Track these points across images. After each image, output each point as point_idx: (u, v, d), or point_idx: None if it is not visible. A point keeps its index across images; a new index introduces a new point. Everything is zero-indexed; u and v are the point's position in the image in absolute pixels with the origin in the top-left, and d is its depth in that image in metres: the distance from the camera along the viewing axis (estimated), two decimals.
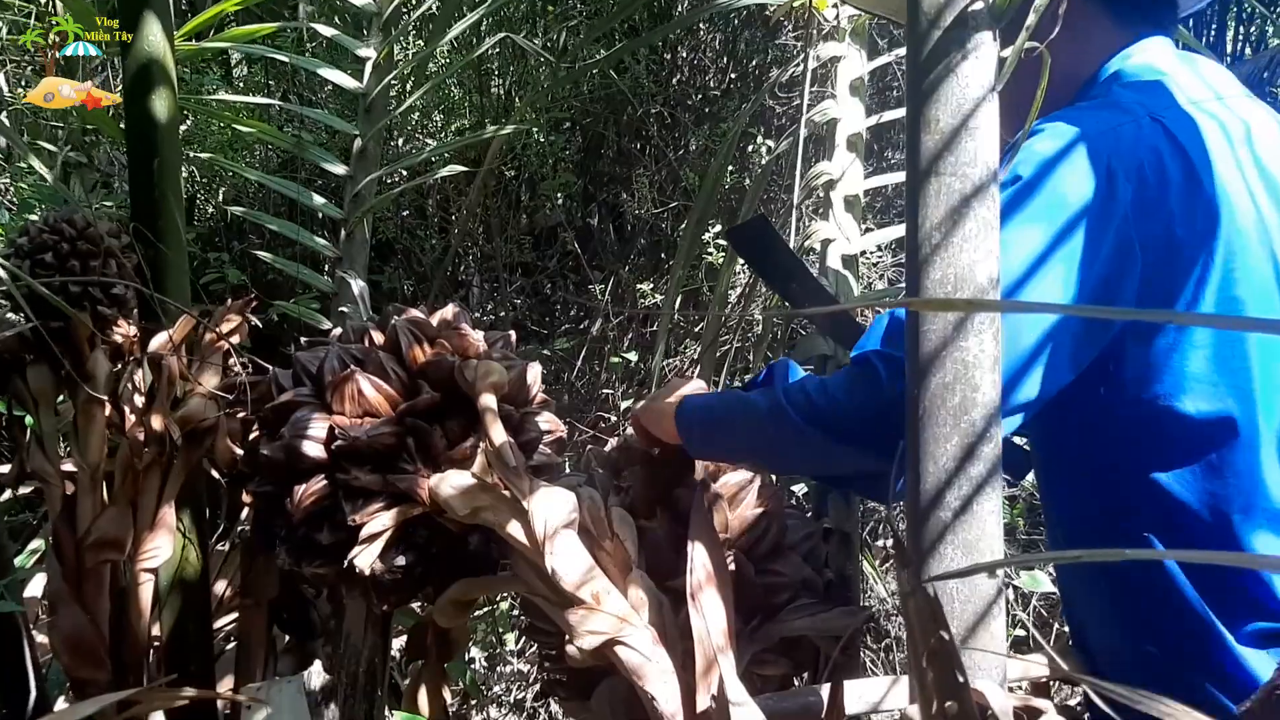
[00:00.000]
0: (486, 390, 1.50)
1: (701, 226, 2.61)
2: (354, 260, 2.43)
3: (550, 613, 1.39)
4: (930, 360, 1.04)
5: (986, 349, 1.03)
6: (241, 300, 1.81)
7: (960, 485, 1.04)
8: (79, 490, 1.74)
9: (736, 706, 1.17)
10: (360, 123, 2.48)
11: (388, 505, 1.49)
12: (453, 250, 4.62)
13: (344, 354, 1.58)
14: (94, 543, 1.70)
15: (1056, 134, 1.22)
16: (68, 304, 1.58)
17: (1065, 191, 1.18)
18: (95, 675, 1.70)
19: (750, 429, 1.35)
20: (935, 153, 1.04)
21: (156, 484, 1.74)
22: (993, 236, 1.03)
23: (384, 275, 4.78)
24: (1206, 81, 1.35)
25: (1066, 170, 1.19)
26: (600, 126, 5.01)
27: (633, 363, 4.36)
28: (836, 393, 1.23)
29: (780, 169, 4.05)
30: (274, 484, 1.57)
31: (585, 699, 1.49)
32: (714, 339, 2.73)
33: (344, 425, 1.50)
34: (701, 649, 1.24)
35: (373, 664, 1.71)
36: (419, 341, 1.58)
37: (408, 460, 1.51)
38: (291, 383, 1.60)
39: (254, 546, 1.83)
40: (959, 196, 1.02)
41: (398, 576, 1.52)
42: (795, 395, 1.26)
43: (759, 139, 4.43)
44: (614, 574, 1.39)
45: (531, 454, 1.64)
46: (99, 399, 1.71)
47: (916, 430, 1.05)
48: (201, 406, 1.71)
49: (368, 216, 2.47)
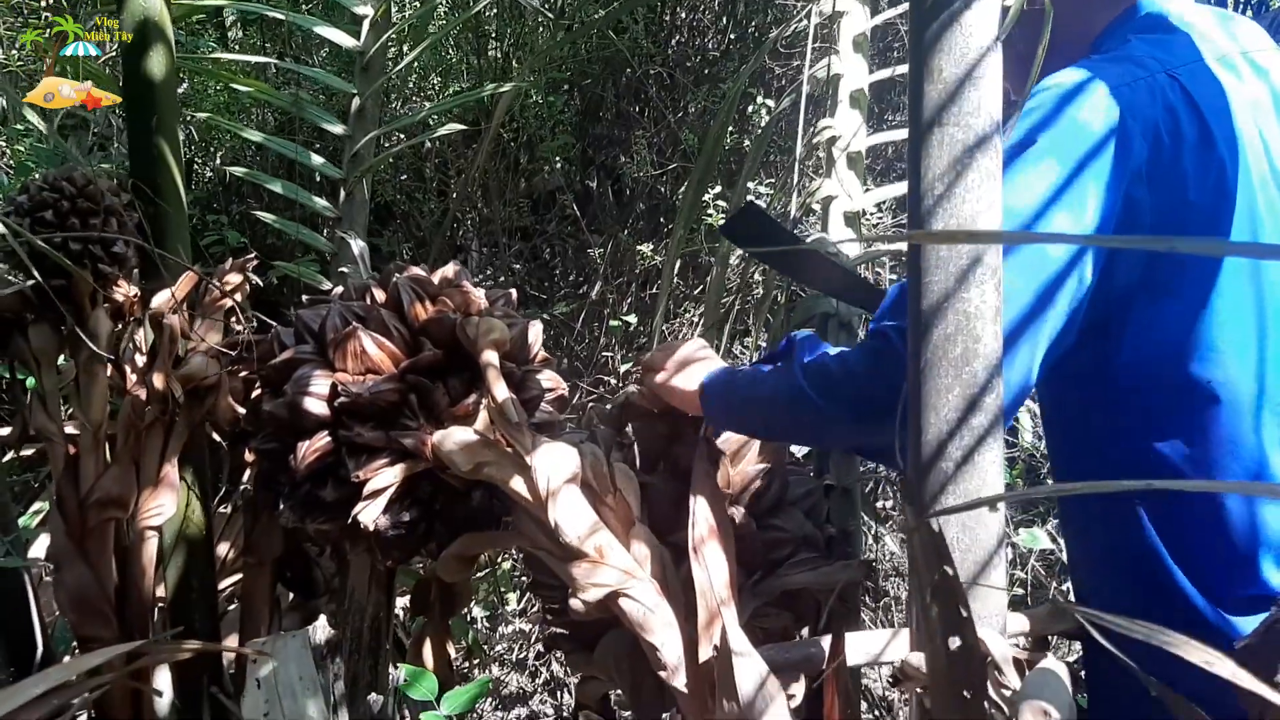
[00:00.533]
0: (488, 347, 1.50)
1: (702, 188, 2.60)
2: (354, 221, 2.42)
3: (554, 567, 1.40)
4: (932, 312, 1.04)
5: (988, 300, 1.03)
6: (243, 259, 1.81)
7: (962, 436, 1.05)
8: (82, 449, 1.74)
9: (739, 656, 1.18)
10: (358, 81, 2.46)
11: (391, 461, 1.50)
12: (451, 214, 4.61)
13: (346, 311, 1.58)
14: (97, 501, 1.71)
15: (1070, 80, 1.21)
16: (69, 261, 1.57)
17: (1079, 131, 1.17)
18: (101, 632, 1.71)
19: (774, 409, 1.34)
20: (939, 103, 1.04)
21: (159, 442, 1.75)
22: (995, 187, 1.03)
23: (383, 239, 4.77)
24: (1239, 39, 1.33)
25: (1081, 111, 1.18)
26: (599, 88, 4.98)
27: (632, 326, 4.36)
28: (855, 368, 1.22)
29: (780, 130, 4.03)
30: (277, 441, 1.57)
31: (589, 652, 1.51)
32: (717, 300, 2.73)
33: (347, 382, 1.51)
34: (704, 600, 1.25)
35: (377, 619, 1.73)
36: (421, 299, 1.58)
37: (410, 417, 1.52)
38: (294, 340, 1.61)
39: (257, 505, 1.83)
40: (962, 147, 1.02)
41: (401, 532, 1.52)
42: (815, 375, 1.25)
43: (759, 100, 4.41)
44: (617, 528, 1.40)
45: (533, 411, 1.65)
46: (101, 358, 1.71)
47: (918, 382, 1.06)
48: (203, 365, 1.71)
49: (367, 177, 2.46)
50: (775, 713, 1.18)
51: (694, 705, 1.26)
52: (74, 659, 1.29)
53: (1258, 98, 1.29)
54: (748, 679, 1.18)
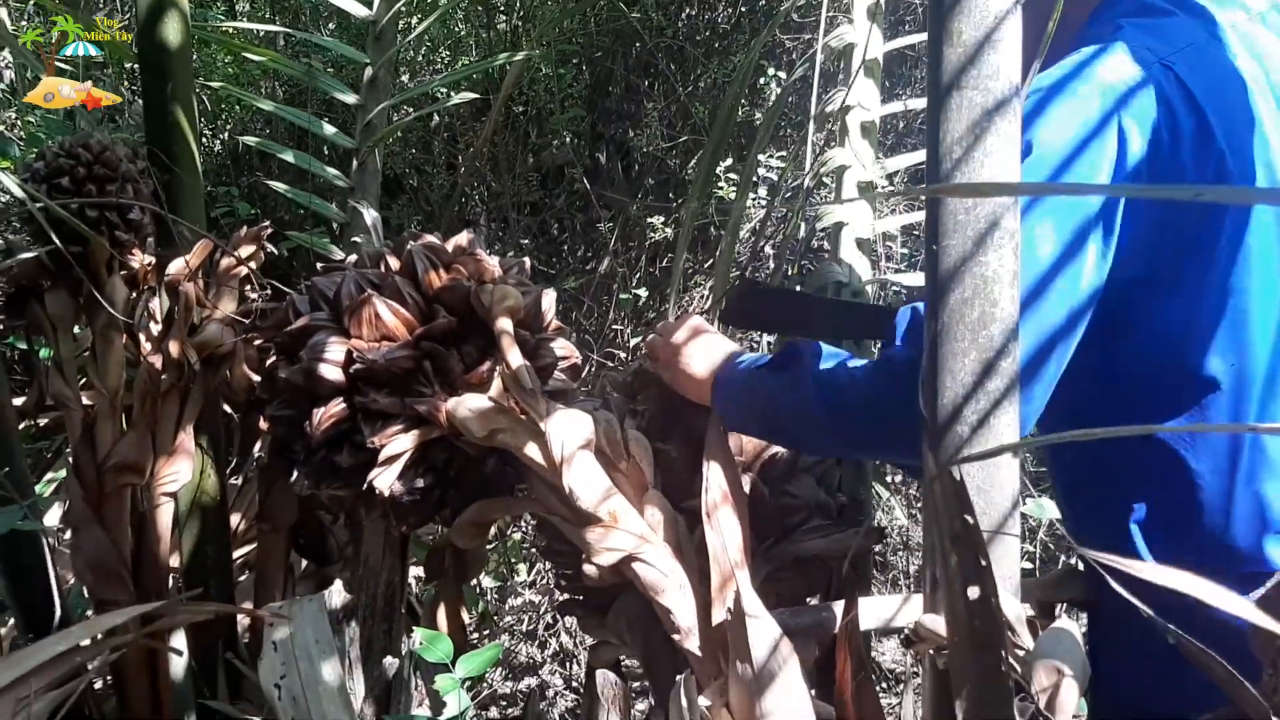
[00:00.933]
0: (503, 314, 1.50)
1: (715, 161, 2.60)
2: (366, 190, 2.42)
3: (568, 532, 1.41)
4: (949, 276, 1.04)
5: (1006, 264, 1.03)
6: (257, 227, 1.82)
7: (978, 400, 1.05)
8: (98, 415, 1.75)
9: (753, 619, 1.19)
10: (370, 50, 2.46)
11: (406, 428, 1.51)
12: (460, 188, 4.60)
13: (361, 279, 1.58)
14: (114, 466, 1.72)
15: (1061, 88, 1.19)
16: (86, 227, 1.58)
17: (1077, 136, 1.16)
18: (118, 596, 1.73)
19: (785, 420, 1.35)
20: (958, 66, 1.04)
21: (175, 409, 1.76)
22: (1014, 151, 1.03)
23: (392, 212, 4.77)
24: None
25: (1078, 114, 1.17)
26: (608, 62, 4.96)
27: (642, 299, 4.36)
28: (868, 392, 1.23)
29: (791, 104, 4.02)
30: (292, 408, 1.58)
31: (601, 617, 1.52)
32: (725, 273, 2.73)
33: (362, 349, 1.51)
34: (717, 564, 1.26)
35: (391, 585, 1.74)
36: (435, 266, 1.58)
37: (425, 383, 1.53)
38: (309, 308, 1.61)
39: (271, 472, 1.84)
40: (981, 111, 1.02)
41: (416, 498, 1.54)
42: (826, 390, 1.26)
43: (770, 72, 4.39)
44: (630, 494, 1.40)
45: (547, 379, 1.65)
46: (117, 324, 1.72)
47: (935, 346, 1.06)
48: (219, 332, 1.72)
49: (379, 147, 2.46)
50: (789, 675, 1.19)
51: (707, 668, 1.27)
52: (92, 619, 1.30)
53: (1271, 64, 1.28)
54: (761, 641, 1.19)
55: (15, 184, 1.48)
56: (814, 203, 2.68)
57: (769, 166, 3.94)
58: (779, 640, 1.19)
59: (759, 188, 3.93)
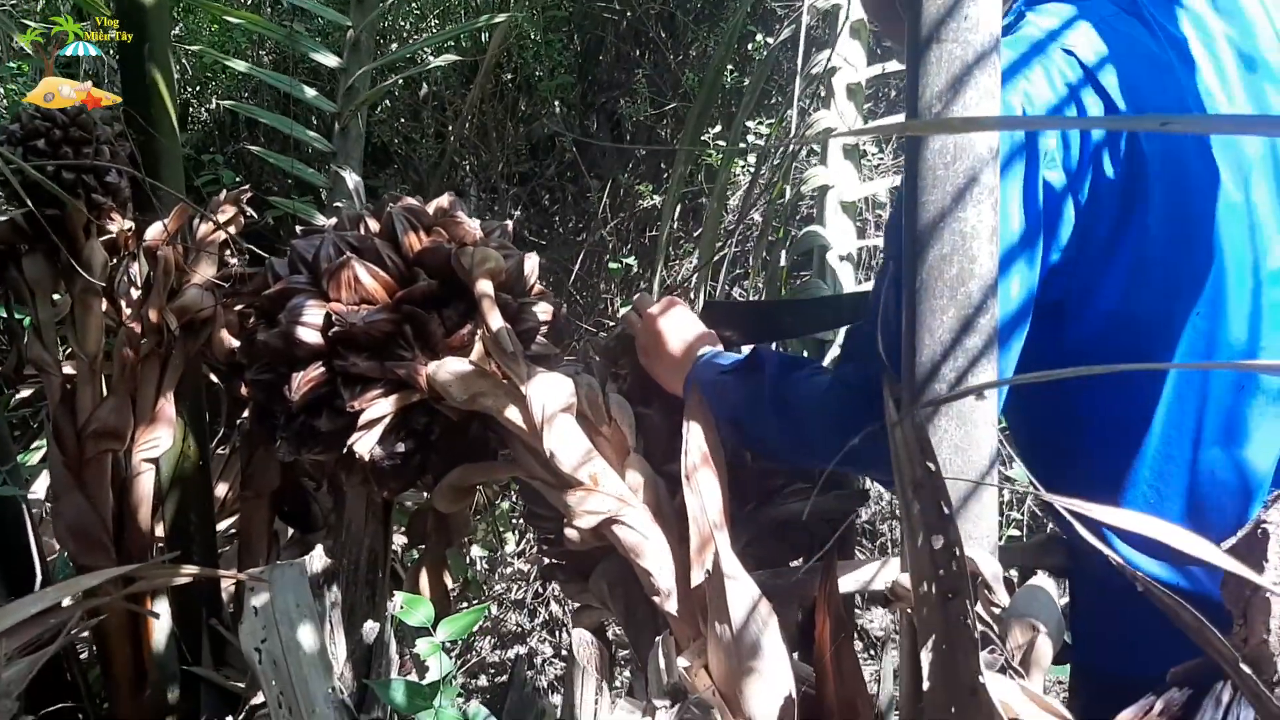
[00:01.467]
0: (483, 277, 1.49)
1: (700, 126, 2.58)
2: (348, 155, 2.40)
3: (549, 495, 1.41)
4: (928, 231, 1.03)
5: (985, 219, 1.02)
6: (236, 190, 1.80)
7: (956, 358, 1.04)
8: (78, 380, 1.74)
9: (731, 580, 1.19)
10: (353, 13, 2.43)
11: (386, 392, 1.49)
12: (448, 157, 4.58)
13: (340, 241, 1.57)
14: (94, 432, 1.71)
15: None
16: (62, 191, 1.56)
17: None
18: (100, 562, 1.72)
19: (749, 427, 1.37)
20: (937, 18, 1.02)
21: (155, 375, 1.75)
22: (994, 106, 1.02)
23: (380, 181, 4.74)
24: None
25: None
26: (598, 29, 4.92)
27: (632, 269, 4.34)
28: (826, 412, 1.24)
29: (779, 69, 3.99)
30: (272, 372, 1.57)
31: (584, 580, 1.52)
32: (712, 240, 2.72)
33: (341, 312, 1.50)
34: (696, 526, 1.26)
35: (374, 551, 1.73)
36: (415, 229, 1.57)
37: (405, 347, 1.51)
38: (288, 270, 1.60)
39: (253, 438, 1.84)
40: (960, 64, 1.01)
41: (397, 463, 1.53)
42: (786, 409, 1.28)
43: (758, 38, 4.36)
44: (611, 458, 1.40)
45: (529, 343, 1.64)
46: (96, 289, 1.70)
47: (913, 303, 1.05)
48: (198, 297, 1.71)
49: (361, 111, 2.44)
50: (768, 635, 1.19)
51: (686, 630, 1.27)
52: (69, 580, 1.30)
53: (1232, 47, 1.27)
54: (740, 602, 1.19)
55: None
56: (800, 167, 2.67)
57: (757, 134, 3.92)
58: (758, 601, 1.19)
59: (748, 154, 3.91)
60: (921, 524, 0.66)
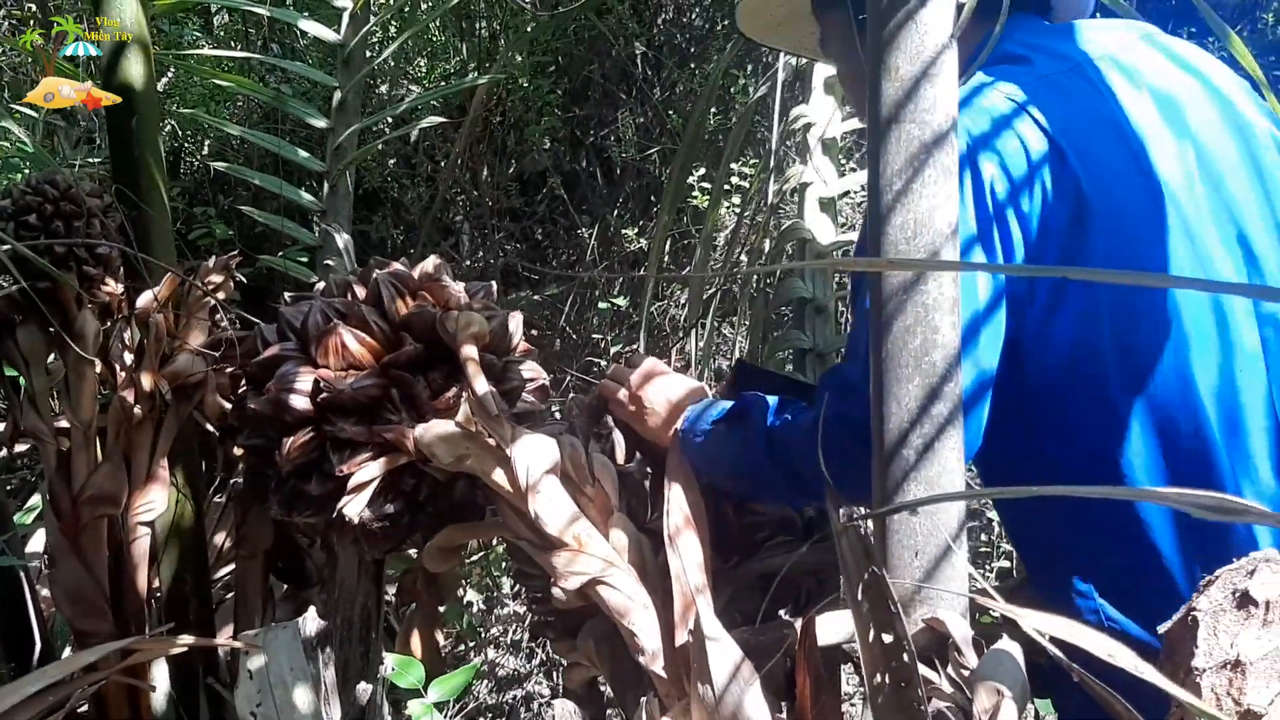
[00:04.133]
0: (468, 341, 1.52)
1: (687, 170, 2.62)
2: (338, 213, 2.44)
3: (535, 556, 1.43)
4: (891, 304, 1.06)
5: (946, 292, 1.06)
6: (225, 256, 1.83)
7: (923, 425, 1.08)
8: (73, 447, 1.77)
9: (713, 642, 1.21)
10: (339, 74, 2.48)
11: (374, 455, 1.53)
12: (440, 198, 4.62)
13: (327, 308, 1.60)
14: (89, 498, 1.74)
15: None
16: (53, 265, 1.60)
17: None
18: (98, 626, 1.75)
19: (742, 473, 1.41)
20: (896, 100, 1.06)
21: (149, 439, 1.77)
22: (951, 183, 1.06)
23: (372, 225, 4.78)
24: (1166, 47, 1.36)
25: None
26: (585, 69, 4.98)
27: (622, 307, 4.38)
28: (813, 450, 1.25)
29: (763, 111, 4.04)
30: (263, 437, 1.60)
31: (573, 638, 1.54)
32: (701, 284, 2.76)
33: (329, 378, 1.53)
34: (679, 588, 1.28)
35: (366, 609, 1.76)
36: (401, 294, 1.60)
37: (392, 410, 1.55)
38: (276, 337, 1.63)
39: (247, 498, 1.86)
40: (919, 143, 1.04)
41: (386, 525, 1.56)
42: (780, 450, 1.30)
43: (741, 81, 4.41)
44: (596, 518, 1.43)
45: (514, 402, 1.67)
46: (89, 358, 1.73)
47: (880, 373, 1.08)
48: (189, 362, 1.74)
49: (350, 168, 2.48)
50: (750, 698, 1.21)
51: (671, 689, 1.30)
52: (69, 656, 1.33)
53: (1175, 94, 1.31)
54: (722, 665, 1.21)
55: None
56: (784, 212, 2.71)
57: (742, 175, 3.97)
58: (740, 663, 1.21)
59: (733, 196, 3.96)
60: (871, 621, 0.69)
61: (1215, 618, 0.63)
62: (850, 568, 0.72)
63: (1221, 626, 0.63)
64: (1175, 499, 0.45)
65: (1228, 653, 0.61)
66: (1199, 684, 0.61)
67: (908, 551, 1.10)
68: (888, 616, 0.68)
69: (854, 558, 0.71)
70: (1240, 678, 0.61)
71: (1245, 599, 0.62)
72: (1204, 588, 0.63)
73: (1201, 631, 0.61)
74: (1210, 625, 0.63)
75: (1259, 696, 0.61)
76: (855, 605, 0.72)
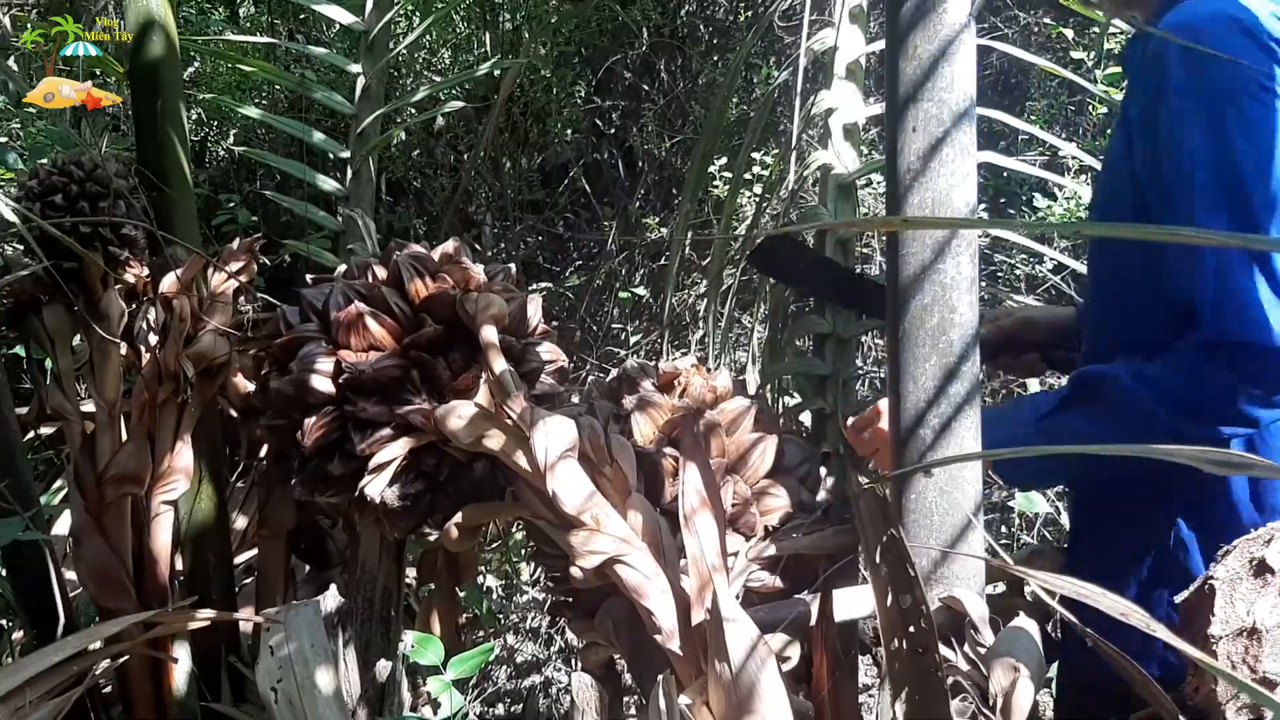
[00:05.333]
0: (487, 322, 1.53)
1: (708, 160, 2.62)
2: (360, 198, 2.45)
3: (553, 536, 1.44)
4: (909, 283, 1.06)
5: (964, 271, 1.06)
6: (249, 240, 1.85)
7: (940, 404, 1.08)
8: (97, 427, 1.79)
9: (730, 622, 1.22)
10: (363, 60, 2.49)
11: (395, 435, 1.54)
12: (462, 189, 4.63)
13: (349, 290, 1.61)
14: (113, 477, 1.75)
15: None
16: (79, 245, 1.61)
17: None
18: (121, 604, 1.76)
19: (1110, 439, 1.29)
20: (915, 80, 1.06)
21: (172, 420, 1.79)
22: (969, 161, 1.06)
23: (395, 215, 4.79)
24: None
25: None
26: (608, 60, 4.98)
27: (642, 298, 4.38)
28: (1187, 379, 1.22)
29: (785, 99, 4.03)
30: (285, 418, 1.62)
31: (591, 618, 1.55)
32: (720, 270, 2.76)
33: (350, 359, 1.54)
34: (695, 568, 1.29)
35: (387, 588, 1.77)
36: (421, 276, 1.61)
37: (413, 391, 1.56)
38: (299, 319, 1.64)
39: (270, 479, 1.88)
40: (936, 122, 1.04)
41: (407, 504, 1.57)
42: (1154, 392, 1.24)
43: (764, 71, 4.40)
44: (614, 498, 1.43)
45: (533, 384, 1.68)
46: (114, 338, 1.75)
47: (896, 352, 1.08)
48: (213, 344, 1.75)
49: (373, 154, 2.49)
50: (767, 676, 1.21)
51: (688, 668, 1.30)
52: (92, 628, 1.34)
53: None
54: (739, 643, 1.21)
55: (7, 205, 1.52)
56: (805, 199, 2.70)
57: (763, 164, 3.96)
58: (756, 641, 1.21)
59: (754, 185, 3.96)
60: (890, 585, 0.69)
61: (1232, 586, 0.63)
62: (868, 531, 0.72)
63: (1238, 595, 0.63)
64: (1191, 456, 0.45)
65: (1244, 620, 0.61)
66: (1214, 651, 0.61)
67: (924, 531, 1.10)
68: (905, 579, 0.69)
69: (872, 521, 0.71)
70: (1256, 645, 0.61)
71: (1262, 567, 0.62)
72: (1221, 557, 0.63)
73: (1219, 600, 0.61)
74: (1227, 593, 0.63)
75: (1275, 664, 0.61)
76: (873, 568, 0.72)
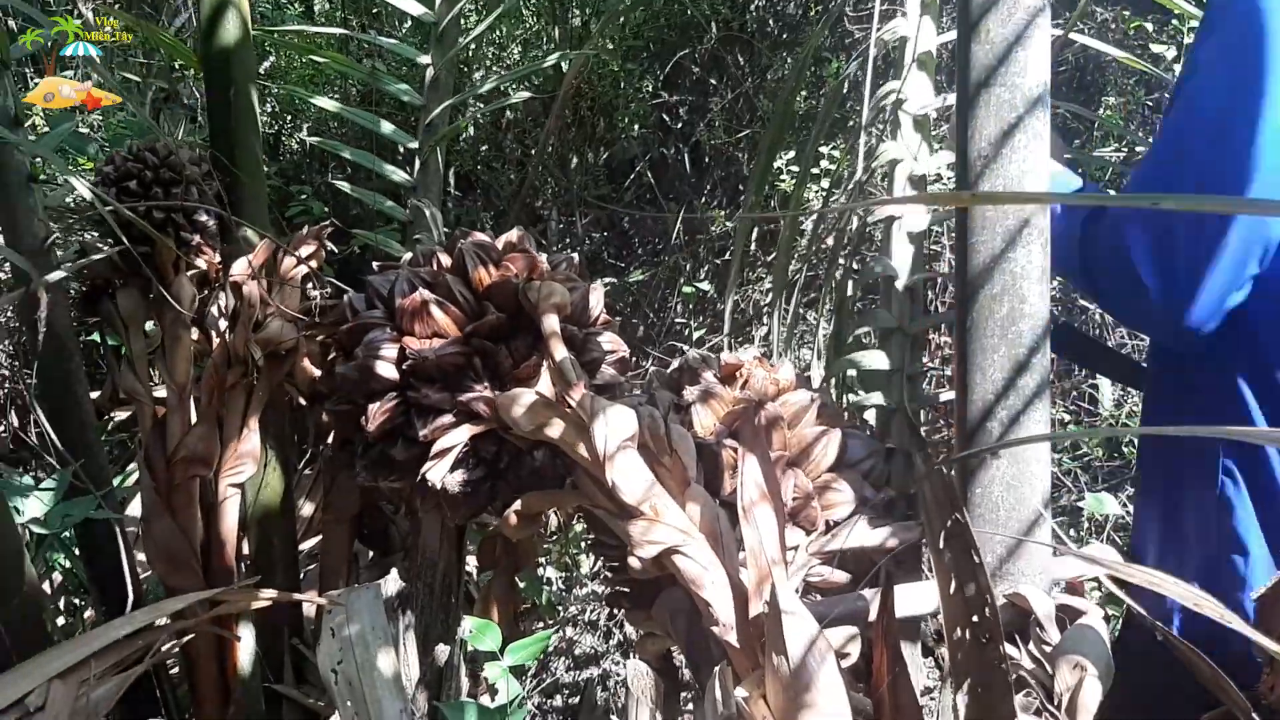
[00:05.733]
0: (549, 310, 1.53)
1: (773, 154, 2.60)
2: (428, 189, 2.47)
3: (612, 525, 1.44)
4: (979, 272, 1.04)
5: (1035, 260, 1.03)
6: (318, 226, 1.87)
7: (1009, 397, 1.05)
8: (168, 410, 1.82)
9: (789, 615, 1.20)
10: (432, 51, 2.51)
11: (457, 422, 1.55)
12: (529, 183, 4.65)
13: (413, 277, 1.63)
14: (183, 459, 1.79)
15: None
16: (153, 229, 1.65)
17: None
18: (187, 583, 1.80)
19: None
20: (987, 65, 1.04)
21: (241, 403, 1.82)
22: (1042, 147, 1.03)
23: (463, 209, 4.83)
24: None
25: None
26: (676, 54, 4.96)
27: (706, 293, 4.36)
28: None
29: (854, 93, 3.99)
30: (350, 403, 1.63)
31: (648, 608, 1.54)
32: (786, 264, 2.73)
33: (414, 346, 1.56)
34: (754, 561, 1.27)
35: (448, 574, 1.78)
36: (484, 264, 1.62)
37: (475, 379, 1.56)
38: (364, 306, 1.66)
39: (334, 464, 1.90)
40: (1009, 108, 1.02)
41: (468, 490, 1.57)
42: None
43: (834, 65, 4.36)
44: (673, 488, 1.42)
45: (594, 373, 1.68)
46: (185, 321, 1.78)
47: (963, 343, 1.06)
48: (281, 329, 1.78)
49: (441, 146, 2.51)
50: (825, 670, 1.20)
51: (745, 661, 1.29)
52: (158, 603, 1.37)
53: None
54: (798, 638, 1.20)
55: (86, 187, 1.55)
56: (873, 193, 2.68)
57: (831, 158, 3.93)
58: (816, 635, 1.20)
59: (821, 179, 3.92)
60: (954, 572, 0.67)
61: None
62: (933, 516, 0.71)
63: None
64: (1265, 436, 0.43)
65: None
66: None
67: (990, 527, 1.08)
68: (970, 566, 0.67)
69: (937, 506, 0.69)
70: None
71: None
72: None
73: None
74: None
75: None
76: (937, 555, 0.71)
